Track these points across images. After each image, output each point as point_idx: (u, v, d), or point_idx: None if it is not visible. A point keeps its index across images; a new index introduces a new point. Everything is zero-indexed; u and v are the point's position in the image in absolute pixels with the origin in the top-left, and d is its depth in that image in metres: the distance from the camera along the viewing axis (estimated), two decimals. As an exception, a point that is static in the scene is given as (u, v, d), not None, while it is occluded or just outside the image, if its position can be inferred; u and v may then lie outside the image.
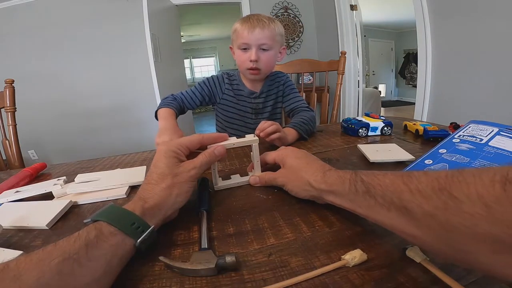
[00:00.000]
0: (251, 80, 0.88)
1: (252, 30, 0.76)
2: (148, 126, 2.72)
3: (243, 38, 0.78)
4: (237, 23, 0.81)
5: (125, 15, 2.47)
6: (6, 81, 0.90)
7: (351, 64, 2.56)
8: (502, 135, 0.42)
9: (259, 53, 0.79)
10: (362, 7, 2.64)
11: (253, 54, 0.78)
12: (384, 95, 6.44)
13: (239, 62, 0.84)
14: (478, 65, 1.45)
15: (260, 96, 0.90)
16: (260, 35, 0.77)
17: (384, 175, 0.26)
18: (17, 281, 0.20)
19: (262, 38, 0.77)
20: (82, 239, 0.24)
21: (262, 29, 0.76)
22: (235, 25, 0.81)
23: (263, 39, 0.77)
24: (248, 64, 0.80)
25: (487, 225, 0.16)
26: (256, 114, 0.92)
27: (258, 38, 0.77)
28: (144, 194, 0.32)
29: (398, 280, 0.23)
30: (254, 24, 0.76)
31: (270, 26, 0.78)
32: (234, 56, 0.86)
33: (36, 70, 2.43)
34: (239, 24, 0.80)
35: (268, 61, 0.82)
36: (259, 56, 0.79)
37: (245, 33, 0.77)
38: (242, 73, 0.87)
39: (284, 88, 0.92)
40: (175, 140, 0.37)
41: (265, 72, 0.85)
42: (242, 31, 0.78)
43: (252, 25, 0.76)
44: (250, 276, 0.25)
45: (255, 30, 0.76)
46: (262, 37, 0.77)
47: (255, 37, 0.77)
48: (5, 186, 0.50)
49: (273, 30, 0.79)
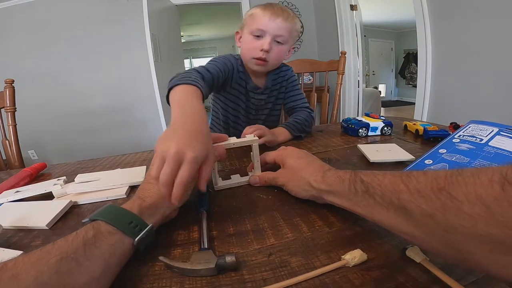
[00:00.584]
0: (254, 72, 0.80)
1: (274, 18, 0.69)
2: (148, 126, 2.72)
3: (261, 24, 0.70)
4: (257, 8, 0.73)
5: (125, 15, 2.46)
6: (6, 81, 0.90)
7: (351, 64, 2.56)
8: (502, 135, 0.42)
9: (272, 44, 0.72)
10: (362, 7, 2.64)
11: (267, 43, 0.70)
12: (384, 95, 6.44)
13: (246, 49, 0.75)
14: (478, 65, 1.45)
15: (264, 92, 0.84)
16: (281, 24, 0.70)
17: (383, 175, 0.26)
18: (15, 280, 0.20)
19: (281, 28, 0.70)
20: (80, 238, 0.24)
21: (285, 20, 0.70)
22: (253, 9, 0.74)
23: (282, 30, 0.71)
24: (257, 53, 0.72)
25: (486, 225, 0.16)
26: (257, 110, 0.87)
27: (277, 28, 0.70)
28: (143, 193, 0.32)
29: (398, 280, 0.23)
30: (277, 13, 0.70)
31: (293, 20, 0.72)
32: (239, 43, 0.79)
33: (36, 70, 2.43)
34: (260, 9, 0.72)
35: (279, 55, 0.75)
36: (272, 47, 0.72)
37: (265, 19, 0.69)
38: (245, 62, 0.78)
39: (287, 84, 0.87)
40: None
41: (271, 66, 0.78)
42: (262, 16, 0.70)
43: (275, 13, 0.70)
44: (250, 276, 0.25)
45: (278, 18, 0.69)
46: (282, 27, 0.70)
47: (276, 25, 0.70)
48: (5, 186, 0.50)
49: (294, 25, 0.73)
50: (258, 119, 0.88)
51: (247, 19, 0.74)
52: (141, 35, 2.39)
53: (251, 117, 0.88)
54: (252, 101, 0.84)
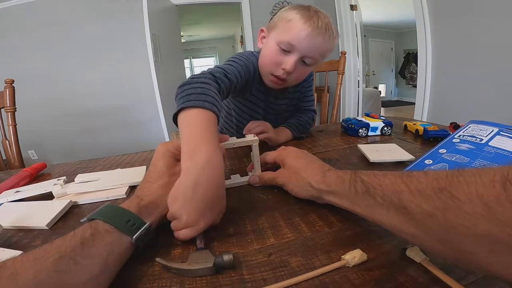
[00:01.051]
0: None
1: (313, 37, 0.56)
2: (148, 126, 2.72)
3: (295, 38, 0.56)
4: (296, 13, 0.58)
5: (125, 15, 2.46)
6: (6, 81, 0.90)
7: (351, 64, 2.56)
8: (502, 135, 0.42)
9: (297, 64, 0.59)
10: (362, 7, 2.64)
11: (291, 64, 0.58)
12: (384, 95, 6.44)
13: (266, 61, 0.63)
14: (478, 65, 1.45)
15: (286, 96, 0.77)
16: (317, 46, 0.58)
17: (384, 175, 0.26)
18: (14, 279, 0.20)
19: (316, 50, 0.58)
20: (78, 237, 0.24)
21: (324, 43, 0.58)
22: (290, 14, 0.58)
23: (315, 53, 0.59)
24: (277, 70, 0.61)
25: (487, 225, 0.16)
26: (276, 115, 0.79)
27: (311, 49, 0.58)
28: (141, 192, 0.32)
29: (398, 280, 0.23)
30: (321, 31, 0.56)
31: (333, 42, 0.60)
32: (261, 44, 0.66)
33: (36, 70, 2.43)
34: (301, 17, 0.57)
35: (301, 77, 0.65)
36: (296, 67, 0.59)
37: (302, 35, 0.56)
38: (262, 73, 0.66)
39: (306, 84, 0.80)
40: (174, 141, 0.37)
41: (288, 85, 0.68)
42: (300, 29, 0.56)
43: (317, 31, 0.56)
44: (250, 276, 0.25)
45: (317, 39, 0.56)
46: (317, 49, 0.58)
47: (310, 46, 0.57)
48: (5, 186, 0.50)
49: (332, 47, 0.61)
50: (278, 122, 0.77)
51: (280, 23, 0.60)
52: (141, 35, 2.39)
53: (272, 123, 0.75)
54: (272, 107, 0.76)
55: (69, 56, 2.47)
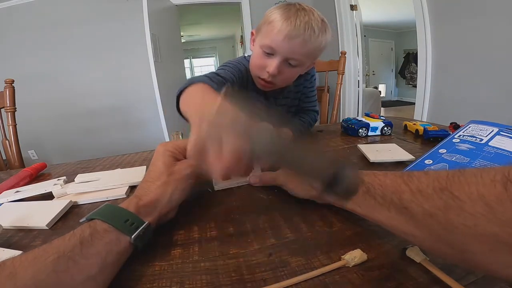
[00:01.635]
0: None
1: (290, 38, 0.54)
2: (148, 126, 2.72)
3: (273, 41, 0.55)
4: (277, 13, 0.56)
5: (125, 15, 2.47)
6: (6, 81, 0.90)
7: (351, 64, 2.56)
8: (502, 135, 0.42)
9: (282, 66, 0.58)
10: (362, 7, 2.64)
11: (273, 67, 0.57)
12: (384, 95, 6.44)
13: (253, 64, 0.63)
14: (478, 65, 1.45)
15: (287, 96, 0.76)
16: (297, 48, 0.55)
17: (384, 175, 0.26)
18: (13, 278, 0.20)
19: (297, 52, 0.56)
20: (76, 237, 0.24)
21: (304, 43, 0.55)
22: (272, 14, 0.57)
23: (297, 54, 0.57)
24: (262, 73, 0.61)
25: (488, 224, 0.16)
26: None
27: (291, 51, 0.56)
28: (140, 192, 0.32)
29: (398, 280, 0.23)
30: (298, 31, 0.53)
31: (317, 40, 0.56)
32: (252, 46, 0.65)
33: (36, 70, 2.43)
34: (280, 17, 0.55)
35: (288, 78, 0.63)
36: (281, 69, 0.58)
37: (279, 37, 0.54)
38: (252, 76, 0.67)
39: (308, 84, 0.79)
40: (173, 141, 0.37)
41: (279, 87, 0.67)
42: (278, 31, 0.54)
43: (294, 31, 0.53)
44: (250, 276, 0.25)
45: (295, 40, 0.54)
46: (298, 51, 0.56)
47: (289, 48, 0.55)
48: (5, 186, 0.50)
49: (319, 45, 0.58)
50: None
51: (263, 26, 0.59)
52: (141, 35, 2.39)
53: None
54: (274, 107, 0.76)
55: (69, 56, 2.47)
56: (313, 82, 0.81)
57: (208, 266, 0.27)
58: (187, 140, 0.37)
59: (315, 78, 0.83)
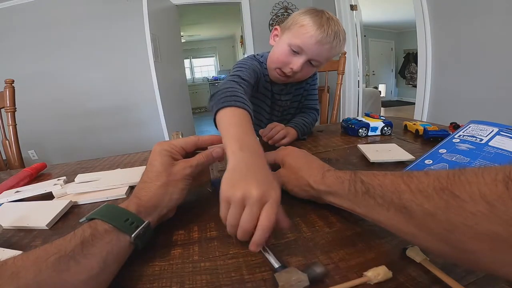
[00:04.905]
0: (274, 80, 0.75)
1: (322, 44, 0.61)
2: (148, 126, 2.72)
3: (305, 43, 0.62)
4: (309, 19, 0.62)
5: (125, 15, 2.47)
6: (6, 81, 0.90)
7: (351, 64, 2.56)
8: (502, 135, 0.42)
9: (304, 65, 0.65)
10: (362, 7, 2.64)
11: (298, 65, 0.64)
12: (384, 95, 6.44)
13: (276, 57, 0.68)
14: (478, 65, 1.45)
15: (289, 91, 0.80)
16: (324, 52, 0.63)
17: (384, 175, 0.26)
18: (15, 278, 0.20)
19: (322, 56, 0.64)
20: (77, 237, 0.24)
21: (331, 50, 0.63)
22: (304, 18, 0.62)
23: (321, 57, 0.65)
24: (285, 68, 0.67)
25: (489, 223, 0.16)
26: (282, 112, 0.84)
27: (319, 54, 0.63)
28: (139, 192, 0.32)
29: (398, 280, 0.23)
30: (328, 39, 0.61)
31: (340, 48, 0.66)
32: (273, 41, 0.71)
33: (36, 70, 2.43)
34: (312, 23, 0.61)
35: (306, 75, 0.71)
36: (303, 68, 0.66)
37: (312, 41, 0.61)
38: (269, 68, 0.72)
39: (311, 81, 0.83)
40: (170, 141, 0.37)
41: (293, 81, 0.75)
42: (310, 36, 0.61)
43: (326, 38, 0.61)
44: (250, 276, 0.25)
45: (326, 45, 0.62)
46: (324, 55, 0.64)
47: (318, 51, 0.63)
48: (5, 186, 0.50)
49: (339, 52, 0.67)
50: (283, 119, 0.85)
51: (294, 27, 0.64)
52: (141, 35, 2.39)
53: (275, 119, 0.83)
54: (278, 103, 0.81)
55: (69, 56, 2.47)
56: (315, 81, 0.85)
57: (208, 266, 0.27)
58: (184, 139, 0.37)
59: (317, 77, 0.85)
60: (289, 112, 0.86)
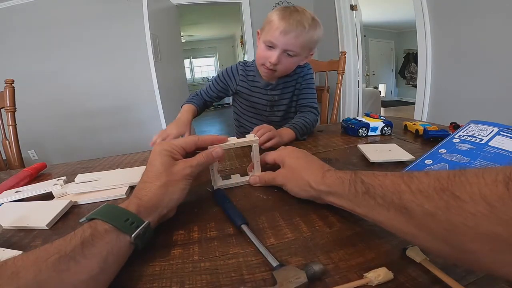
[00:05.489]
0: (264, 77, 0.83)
1: (285, 33, 0.67)
2: (148, 126, 2.72)
3: (272, 37, 0.69)
4: (276, 15, 0.69)
5: (125, 15, 2.47)
6: (6, 81, 0.90)
7: (351, 64, 2.56)
8: (502, 135, 0.42)
9: (281, 57, 0.71)
10: (362, 7, 2.64)
11: (274, 57, 0.70)
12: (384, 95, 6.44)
13: (258, 56, 0.77)
14: (478, 65, 1.45)
15: (276, 88, 0.84)
16: (291, 41, 0.68)
17: (384, 175, 0.26)
18: (15, 278, 0.20)
19: (292, 44, 0.69)
20: (77, 237, 0.24)
21: (297, 37, 0.68)
22: (272, 15, 0.70)
23: (292, 46, 0.69)
24: (266, 63, 0.74)
25: (490, 224, 0.16)
26: (271, 107, 0.88)
27: (287, 43, 0.69)
28: (140, 192, 0.32)
29: (398, 280, 0.23)
30: (291, 27, 0.67)
31: (308, 34, 0.69)
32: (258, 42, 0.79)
33: (36, 70, 2.43)
34: (277, 17, 0.68)
35: (288, 66, 0.77)
36: (281, 59, 0.72)
37: (277, 33, 0.68)
38: (258, 66, 0.81)
39: (302, 81, 0.86)
40: (170, 141, 0.37)
41: (281, 74, 0.80)
42: (276, 28, 0.68)
43: (288, 27, 0.67)
44: (250, 276, 0.25)
45: (289, 34, 0.67)
46: (292, 43, 0.69)
47: (285, 41, 0.68)
48: (5, 186, 0.50)
49: (310, 38, 0.70)
50: (274, 115, 0.90)
51: (265, 25, 0.73)
52: (141, 35, 2.39)
53: (266, 114, 0.90)
54: (265, 98, 0.86)
55: (69, 56, 2.47)
56: (310, 80, 0.87)
57: (208, 266, 0.27)
58: (184, 139, 0.38)
59: (311, 77, 0.88)
60: (279, 109, 0.89)
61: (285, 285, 0.22)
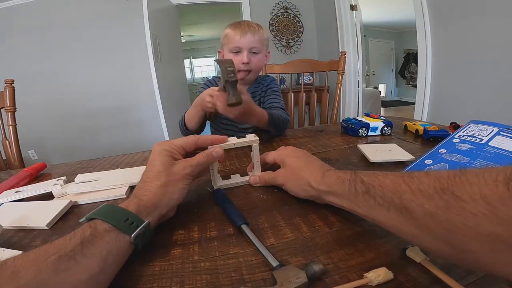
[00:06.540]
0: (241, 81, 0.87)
1: (244, 35, 0.82)
2: (148, 126, 2.72)
3: (236, 42, 0.83)
4: (228, 28, 0.85)
5: (125, 15, 2.47)
6: (6, 81, 0.90)
7: (351, 64, 2.56)
8: (502, 135, 0.42)
9: (250, 56, 0.84)
10: (362, 7, 2.64)
11: (245, 57, 0.83)
12: (384, 95, 6.44)
13: None
14: (478, 65, 1.45)
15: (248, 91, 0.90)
16: (251, 39, 0.83)
17: (384, 175, 0.26)
18: (14, 278, 0.20)
19: (253, 42, 0.83)
20: (77, 237, 0.24)
21: (253, 34, 0.83)
22: (226, 30, 0.86)
23: (254, 43, 0.84)
24: (240, 66, 0.84)
25: (490, 224, 0.16)
26: None
27: (249, 42, 0.83)
28: (139, 192, 0.32)
29: (398, 280, 0.23)
30: (245, 30, 0.82)
31: (259, 32, 0.85)
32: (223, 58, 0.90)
33: (36, 70, 2.43)
34: (231, 29, 0.85)
35: (258, 63, 0.88)
36: (250, 58, 0.84)
37: (237, 38, 0.82)
38: None
39: (266, 89, 0.95)
40: (170, 140, 0.37)
41: (255, 73, 0.91)
42: (234, 35, 0.83)
43: (244, 30, 0.82)
44: (250, 276, 0.25)
45: (247, 34, 0.82)
46: (253, 41, 0.83)
47: (247, 41, 0.82)
48: (5, 186, 0.50)
49: (262, 35, 0.86)
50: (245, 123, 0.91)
51: (224, 40, 0.87)
52: (141, 35, 2.39)
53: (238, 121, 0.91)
54: None
55: (69, 56, 2.47)
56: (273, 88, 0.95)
57: (208, 266, 0.27)
58: (184, 139, 0.38)
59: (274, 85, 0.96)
60: None
61: (285, 285, 0.22)
